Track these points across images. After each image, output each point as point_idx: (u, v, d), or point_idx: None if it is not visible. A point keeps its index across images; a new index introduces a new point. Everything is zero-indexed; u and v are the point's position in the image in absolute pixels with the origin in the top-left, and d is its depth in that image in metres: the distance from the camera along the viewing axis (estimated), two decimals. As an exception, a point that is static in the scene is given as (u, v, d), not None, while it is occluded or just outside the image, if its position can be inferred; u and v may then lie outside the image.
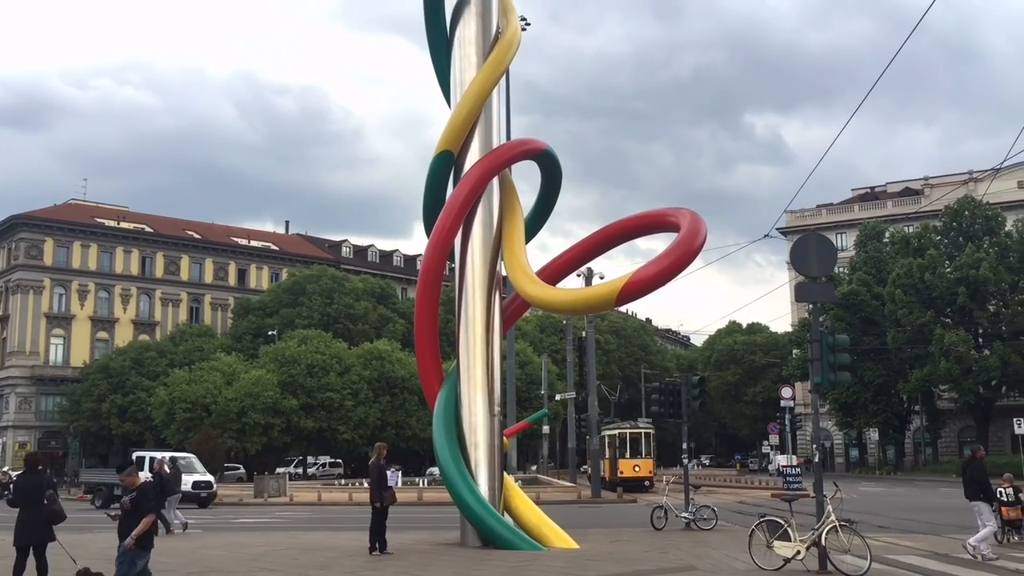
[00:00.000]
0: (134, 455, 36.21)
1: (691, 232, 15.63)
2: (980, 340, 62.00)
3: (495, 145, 18.69)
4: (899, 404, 68.73)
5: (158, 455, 30.32)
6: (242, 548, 17.32)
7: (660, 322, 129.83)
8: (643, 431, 43.93)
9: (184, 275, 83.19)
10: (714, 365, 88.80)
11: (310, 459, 66.06)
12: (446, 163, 18.49)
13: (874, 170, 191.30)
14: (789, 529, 13.36)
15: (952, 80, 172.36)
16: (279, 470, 58.14)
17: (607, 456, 44.44)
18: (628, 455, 42.69)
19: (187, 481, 30.90)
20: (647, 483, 41.81)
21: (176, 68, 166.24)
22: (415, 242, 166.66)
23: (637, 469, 42.18)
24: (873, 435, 72.04)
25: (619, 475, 41.58)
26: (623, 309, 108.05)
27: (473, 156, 18.36)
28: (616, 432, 44.42)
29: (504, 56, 18.41)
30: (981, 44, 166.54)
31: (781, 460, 52.80)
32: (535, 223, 19.88)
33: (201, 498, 35.06)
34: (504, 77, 20.88)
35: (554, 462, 74.48)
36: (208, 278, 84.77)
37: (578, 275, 36.66)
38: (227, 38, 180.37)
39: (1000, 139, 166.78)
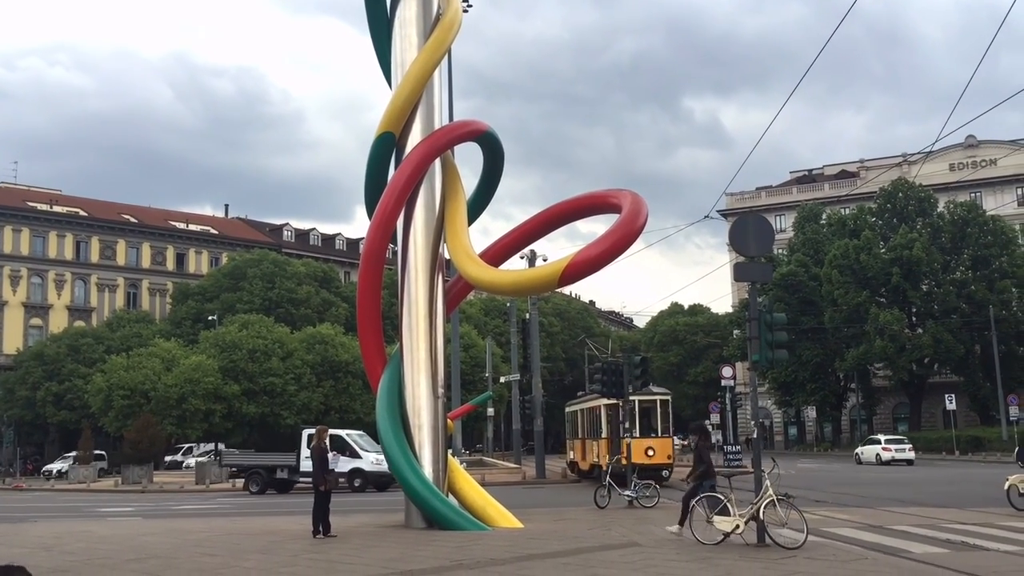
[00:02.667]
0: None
1: (632, 213, 15.76)
2: (913, 319, 63.67)
3: (437, 127, 18.60)
4: (836, 382, 70.32)
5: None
6: (183, 534, 17.12)
7: (603, 304, 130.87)
8: (658, 398, 31.25)
9: (120, 260, 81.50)
10: (657, 346, 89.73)
11: (222, 446, 62.42)
12: (387, 144, 18.34)
13: (809, 154, 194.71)
14: (728, 504, 13.61)
15: (882, 66, 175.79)
16: (167, 458, 57.52)
17: (579, 435, 36.29)
18: (637, 432, 29.78)
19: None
20: (665, 473, 30.07)
21: (107, 49, 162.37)
22: (357, 226, 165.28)
23: (651, 453, 29.53)
24: (811, 413, 73.70)
25: (624, 460, 26.74)
26: (567, 291, 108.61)
27: (415, 138, 18.25)
28: (613, 401, 29.56)
29: (445, 36, 18.30)
30: (910, 30, 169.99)
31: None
32: (478, 205, 19.85)
33: None
34: (446, 58, 20.79)
35: (499, 445, 74.82)
36: (146, 263, 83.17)
37: (521, 257, 36.75)
38: (158, 18, 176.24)
39: (929, 124, 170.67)
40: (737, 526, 13.36)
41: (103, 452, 58.55)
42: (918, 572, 11.14)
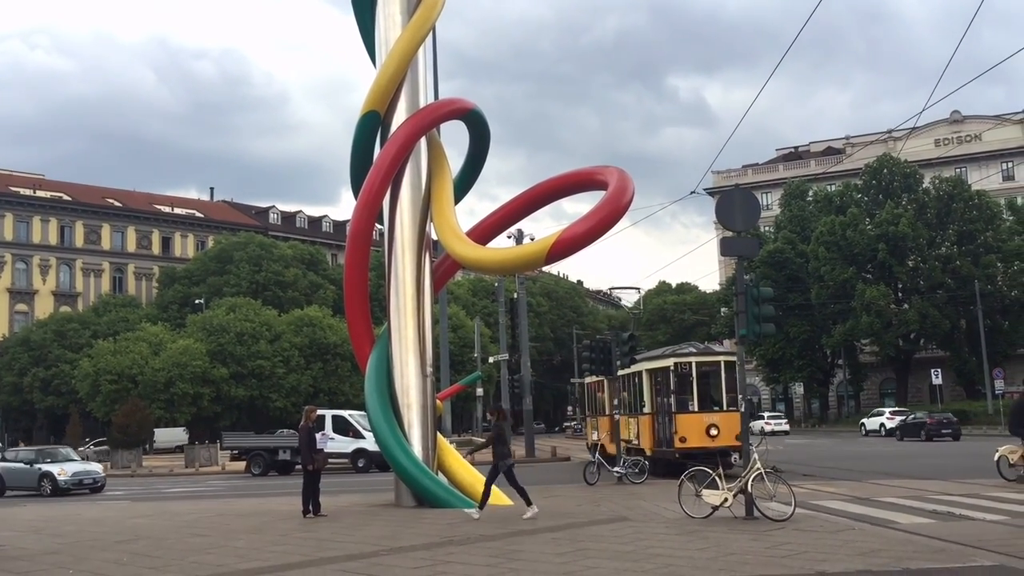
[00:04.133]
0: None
1: (619, 189, 15.72)
2: (899, 294, 63.99)
3: (422, 105, 18.49)
4: (823, 358, 70.67)
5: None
6: (173, 516, 17.11)
7: (591, 284, 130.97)
8: (722, 359, 23.90)
9: (106, 244, 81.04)
10: (645, 325, 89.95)
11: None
12: (372, 123, 18.22)
13: (793, 132, 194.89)
14: (717, 478, 13.68)
15: (865, 43, 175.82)
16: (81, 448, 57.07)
17: (607, 411, 28.57)
18: (695, 404, 23.09)
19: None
20: (733, 456, 22.22)
21: (86, 32, 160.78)
22: (344, 208, 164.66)
23: (714, 433, 22.29)
24: (798, 389, 73.99)
25: (678, 444, 22.65)
26: (554, 272, 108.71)
27: (400, 116, 18.12)
28: (661, 364, 24.28)
29: (429, 14, 18.15)
30: (892, 7, 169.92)
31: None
32: (464, 184, 19.76)
33: None
34: (430, 37, 20.66)
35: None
36: (131, 247, 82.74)
37: (508, 236, 36.71)
38: (137, 1, 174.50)
39: (912, 101, 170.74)
40: (726, 499, 13.42)
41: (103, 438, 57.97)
42: (904, 541, 11.23)
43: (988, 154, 77.52)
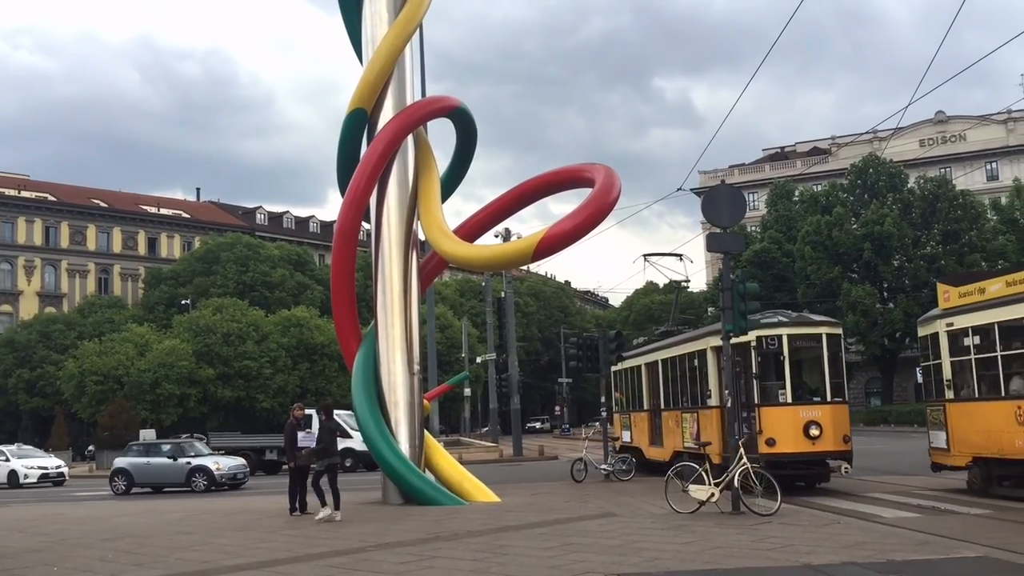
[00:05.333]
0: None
1: (605, 186, 15.76)
2: (885, 294, 64.27)
3: (409, 103, 18.50)
4: (809, 358, 70.79)
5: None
6: (158, 514, 17.05)
7: (579, 284, 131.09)
8: (824, 331, 18.01)
9: (91, 245, 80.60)
10: (632, 325, 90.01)
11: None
12: (359, 121, 18.22)
13: (779, 132, 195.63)
14: (703, 474, 13.72)
15: (849, 45, 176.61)
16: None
17: (648, 405, 23.36)
18: (787, 394, 17.42)
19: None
20: (845, 469, 17.13)
21: (70, 33, 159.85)
22: (331, 209, 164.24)
23: (815, 433, 16.91)
24: (785, 388, 73.89)
25: (764, 447, 16.85)
26: (542, 271, 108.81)
27: (387, 114, 18.14)
28: (735, 340, 15.53)
29: (416, 11, 18.16)
30: (875, 9, 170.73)
31: None
32: (451, 182, 19.79)
33: None
34: (417, 35, 20.64)
35: (477, 425, 74.96)
36: (117, 248, 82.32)
37: (496, 235, 36.74)
38: (120, 1, 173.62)
39: (895, 101, 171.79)
40: (712, 495, 13.49)
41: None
42: (889, 534, 11.28)
43: (972, 154, 77.99)
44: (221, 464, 26.67)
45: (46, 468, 33.27)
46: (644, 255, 17.97)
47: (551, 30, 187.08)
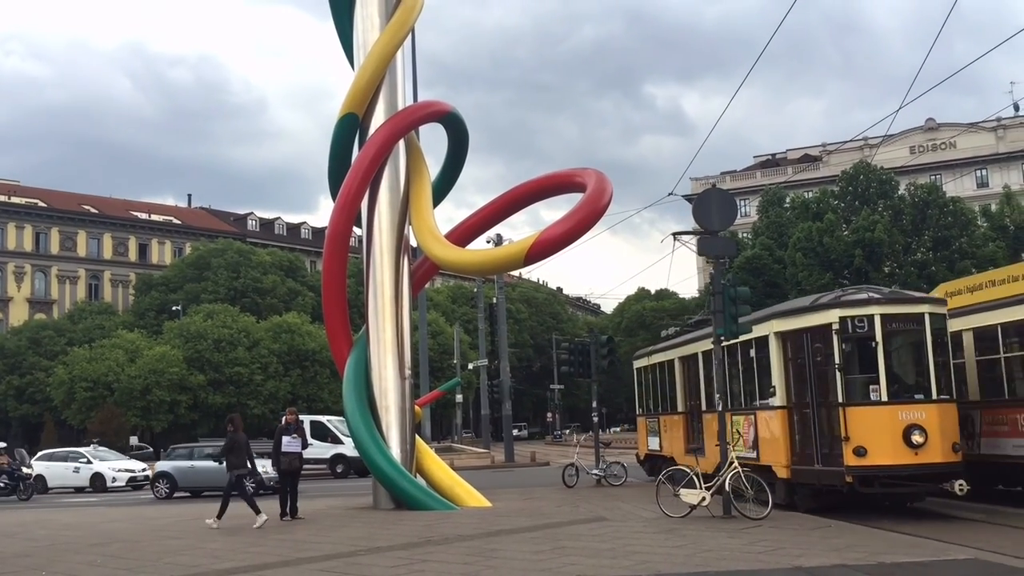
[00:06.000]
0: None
1: (597, 191, 15.78)
2: (876, 300, 64.34)
3: (400, 108, 18.50)
4: (801, 364, 70.90)
5: None
6: (148, 520, 16.98)
7: (570, 291, 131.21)
8: (926, 311, 14.33)
9: (81, 251, 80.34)
10: (624, 331, 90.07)
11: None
12: (351, 126, 18.23)
13: (769, 140, 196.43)
14: (695, 478, 13.72)
15: (838, 53, 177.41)
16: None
17: (684, 407, 20.74)
18: (881, 390, 13.72)
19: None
20: (957, 484, 13.22)
21: (61, 39, 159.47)
22: (323, 215, 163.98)
23: (918, 440, 13.36)
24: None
25: (851, 459, 13.39)
26: (534, 278, 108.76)
27: (378, 119, 18.14)
28: (809, 321, 14.71)
29: (407, 16, 18.19)
30: (864, 18, 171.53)
31: None
32: (443, 187, 19.79)
33: None
34: (409, 40, 20.63)
35: (469, 431, 74.83)
36: (107, 254, 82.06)
37: (488, 241, 36.68)
38: (110, 7, 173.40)
39: (884, 109, 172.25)
40: (703, 498, 13.48)
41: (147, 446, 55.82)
42: (879, 537, 11.30)
43: (962, 161, 78.34)
44: (269, 468, 26.34)
45: (133, 471, 32.28)
46: (674, 233, 16.85)
47: (543, 37, 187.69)
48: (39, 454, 33.70)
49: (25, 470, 29.42)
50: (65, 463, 32.10)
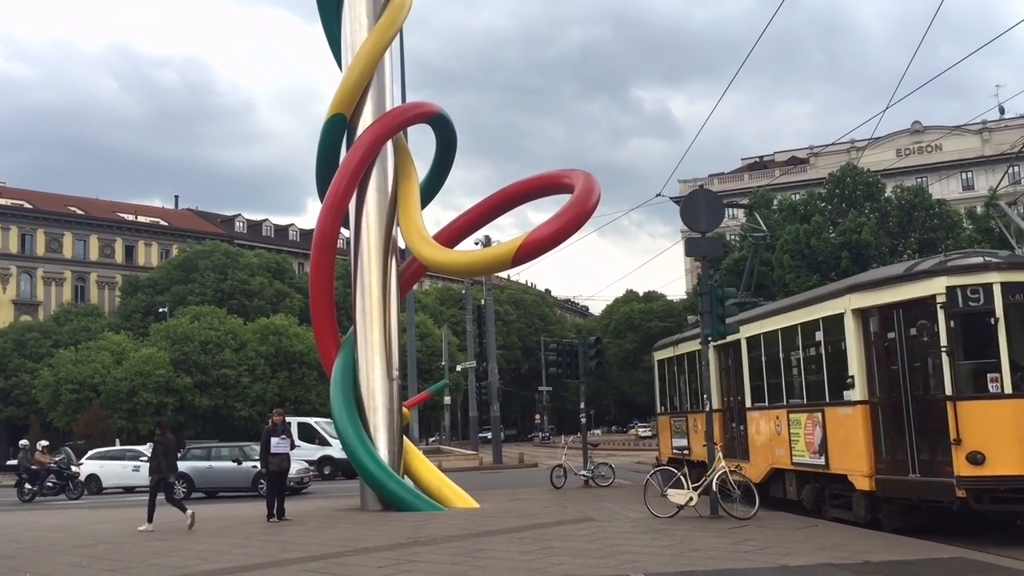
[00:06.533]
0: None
1: (584, 192, 15.80)
2: (863, 302, 64.65)
3: (388, 109, 18.48)
4: (788, 365, 71.14)
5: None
6: (134, 522, 16.86)
7: (559, 293, 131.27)
8: None
9: (67, 253, 79.88)
10: (612, 333, 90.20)
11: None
12: (338, 127, 18.21)
13: (757, 143, 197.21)
14: (682, 478, 13.75)
15: (824, 56, 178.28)
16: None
17: (716, 404, 17.09)
18: (1003, 379, 11.08)
19: None
20: None
21: (45, 40, 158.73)
22: (310, 217, 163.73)
23: None
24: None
25: (964, 468, 10.84)
26: (522, 280, 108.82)
27: (366, 120, 18.13)
28: (903, 294, 12.08)
29: (396, 16, 18.19)
30: (850, 21, 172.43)
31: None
32: (431, 188, 19.78)
33: None
34: (397, 41, 20.62)
35: (457, 434, 74.75)
36: (93, 255, 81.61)
37: (475, 243, 36.68)
38: (96, 7, 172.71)
39: (869, 112, 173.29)
40: (691, 499, 13.51)
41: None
42: (865, 536, 11.33)
43: (948, 163, 78.80)
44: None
45: None
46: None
47: (530, 40, 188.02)
48: (90, 453, 32.63)
49: (73, 468, 29.00)
50: (121, 461, 31.13)
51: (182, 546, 12.63)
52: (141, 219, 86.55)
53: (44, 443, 30.50)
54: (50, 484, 28.09)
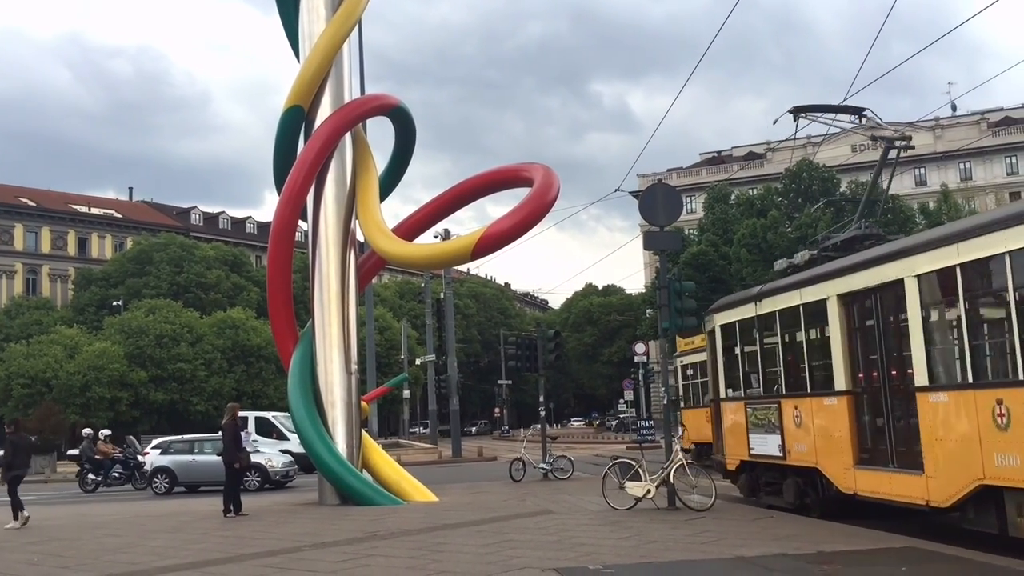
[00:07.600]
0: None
1: (544, 186, 15.84)
2: (818, 296, 65.55)
3: (346, 101, 18.36)
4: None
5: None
6: (88, 518, 16.64)
7: (518, 287, 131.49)
8: None
9: (18, 245, 78.31)
10: (572, 327, 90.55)
11: None
12: (296, 118, 18.05)
13: (714, 138, 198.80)
14: (640, 470, 13.85)
15: (780, 53, 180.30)
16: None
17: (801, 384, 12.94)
18: None
19: None
20: None
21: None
22: (268, 210, 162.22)
23: None
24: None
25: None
26: (482, 274, 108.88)
27: (324, 112, 18.00)
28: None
29: (354, 8, 18.05)
30: (806, 19, 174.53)
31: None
32: (390, 181, 19.69)
33: None
34: (355, 33, 20.48)
35: (416, 427, 74.59)
36: (45, 248, 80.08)
37: (435, 236, 36.60)
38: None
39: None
40: (648, 491, 13.62)
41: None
42: (819, 527, 11.51)
43: (902, 159, 79.93)
44: (274, 461, 25.59)
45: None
46: (793, 110, 12.97)
47: (489, 34, 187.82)
48: (155, 442, 31.61)
49: (140, 458, 28.27)
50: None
51: (137, 542, 12.47)
52: (95, 211, 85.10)
53: (106, 432, 29.94)
54: (116, 475, 27.48)
